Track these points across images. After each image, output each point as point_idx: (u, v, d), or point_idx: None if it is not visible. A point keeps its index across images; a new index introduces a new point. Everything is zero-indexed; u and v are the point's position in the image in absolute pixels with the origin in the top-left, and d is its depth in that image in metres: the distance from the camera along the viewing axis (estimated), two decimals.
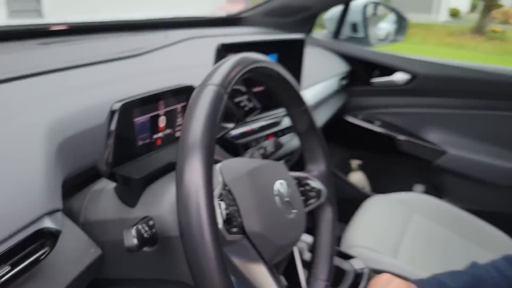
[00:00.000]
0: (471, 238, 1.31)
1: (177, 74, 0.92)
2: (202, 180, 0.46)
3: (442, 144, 1.78)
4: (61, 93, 0.68)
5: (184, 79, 0.80)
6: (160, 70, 0.89)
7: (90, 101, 0.69)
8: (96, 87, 0.73)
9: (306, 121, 0.72)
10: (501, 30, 12.63)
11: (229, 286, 0.46)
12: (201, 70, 0.88)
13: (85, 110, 0.67)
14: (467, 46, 11.11)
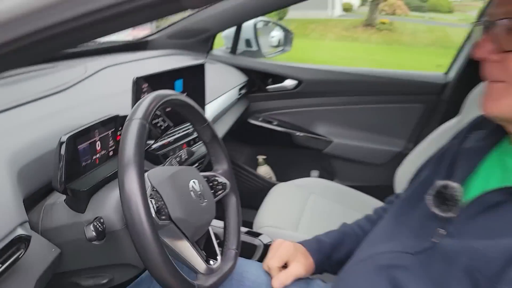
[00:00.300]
0: (354, 207, 1.58)
1: (102, 102, 1.10)
2: (138, 186, 0.66)
3: (328, 135, 2.09)
4: (10, 130, 0.85)
5: (108, 108, 0.99)
6: (86, 101, 1.07)
7: (34, 134, 0.86)
8: (37, 122, 0.90)
9: (209, 133, 0.95)
10: (388, 22, 13.45)
11: (165, 257, 0.67)
12: (120, 98, 1.09)
13: (33, 141, 0.84)
14: (361, 38, 11.73)
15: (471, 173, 0.76)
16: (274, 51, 2.32)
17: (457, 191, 0.73)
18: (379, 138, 2.05)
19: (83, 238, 0.79)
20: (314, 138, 2.11)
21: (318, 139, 2.11)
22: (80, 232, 0.79)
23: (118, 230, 0.79)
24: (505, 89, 0.65)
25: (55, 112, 0.97)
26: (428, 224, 0.76)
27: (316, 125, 2.13)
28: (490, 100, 0.68)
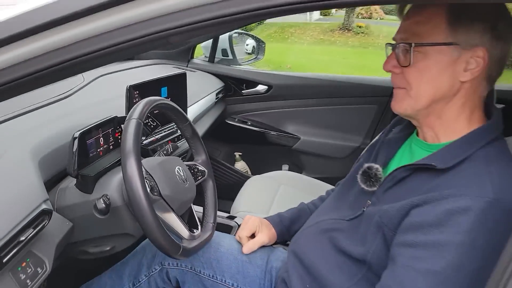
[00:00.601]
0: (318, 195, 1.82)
1: (100, 106, 1.32)
2: (136, 170, 0.87)
3: (296, 133, 2.32)
4: (31, 129, 1.07)
5: (106, 110, 1.21)
6: (88, 105, 1.29)
7: (50, 132, 1.08)
8: (51, 122, 1.12)
9: (190, 130, 1.18)
10: (364, 25, 13.66)
11: (158, 224, 0.87)
12: (115, 102, 1.31)
13: (49, 138, 1.06)
14: (338, 41, 11.88)
15: (390, 158, 1.02)
16: (249, 58, 2.54)
17: (378, 170, 0.97)
18: (340, 135, 2.29)
19: (91, 213, 1.01)
20: (284, 136, 2.35)
21: (288, 137, 2.34)
22: (88, 208, 1.01)
23: (119, 206, 1.01)
24: (405, 93, 0.89)
25: (64, 115, 1.19)
26: (360, 198, 1.00)
27: (286, 125, 2.36)
28: (396, 102, 0.92)
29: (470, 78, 0.83)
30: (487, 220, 0.72)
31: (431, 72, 0.84)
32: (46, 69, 0.62)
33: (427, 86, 0.85)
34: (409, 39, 0.84)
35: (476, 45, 0.81)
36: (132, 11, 0.63)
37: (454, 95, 0.85)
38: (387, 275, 0.82)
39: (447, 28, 0.81)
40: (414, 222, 0.79)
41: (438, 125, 0.89)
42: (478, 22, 0.80)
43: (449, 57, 0.82)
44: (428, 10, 0.83)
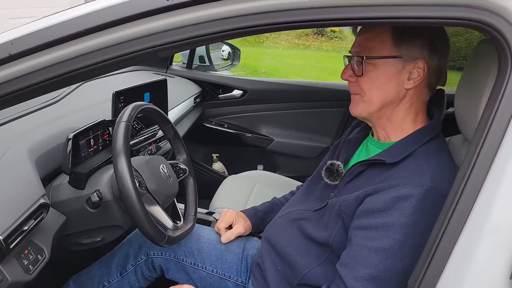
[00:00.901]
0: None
1: (88, 110, 1.43)
2: (127, 167, 0.99)
3: (270, 135, 2.46)
4: (27, 131, 1.17)
5: (93, 114, 1.32)
6: (76, 110, 1.39)
7: (44, 134, 1.18)
8: (44, 125, 1.22)
9: (172, 132, 1.30)
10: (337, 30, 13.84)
11: (146, 214, 0.99)
12: (101, 107, 1.42)
13: (44, 139, 1.16)
14: (312, 46, 12.06)
15: (350, 155, 1.16)
16: (225, 64, 2.67)
17: (339, 166, 1.11)
18: (311, 136, 2.43)
19: (83, 207, 1.11)
20: (259, 138, 2.48)
21: (262, 139, 2.48)
22: (81, 203, 1.11)
23: (110, 200, 1.11)
24: (360, 98, 1.04)
25: (55, 118, 1.29)
26: (325, 191, 1.14)
27: (260, 127, 2.49)
28: (353, 106, 1.07)
29: (413, 85, 0.98)
30: (426, 204, 0.88)
31: (380, 81, 0.99)
32: (53, 79, 0.74)
33: (378, 93, 1.00)
34: (361, 53, 1.00)
35: (417, 58, 0.97)
36: (127, 31, 0.75)
37: (401, 100, 1.01)
38: (345, 254, 0.96)
39: (392, 44, 0.97)
40: (367, 208, 0.94)
41: (388, 126, 1.05)
42: (417, 39, 0.96)
43: (395, 68, 0.97)
44: (376, 28, 0.99)
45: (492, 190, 0.70)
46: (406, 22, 0.74)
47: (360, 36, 1.03)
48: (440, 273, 0.74)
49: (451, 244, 0.73)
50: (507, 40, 0.69)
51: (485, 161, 0.71)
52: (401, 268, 0.87)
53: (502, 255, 0.69)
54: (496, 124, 0.71)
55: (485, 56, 0.90)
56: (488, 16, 0.69)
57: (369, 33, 1.00)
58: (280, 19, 0.73)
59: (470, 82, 0.96)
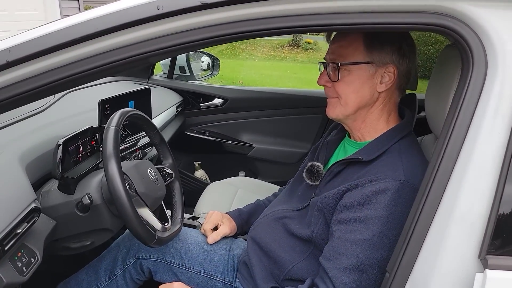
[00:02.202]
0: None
1: (74, 118, 1.46)
2: (117, 170, 1.03)
3: (251, 142, 2.51)
4: (15, 139, 1.19)
5: (80, 122, 1.35)
6: (63, 118, 1.42)
7: (34, 141, 1.21)
8: (33, 133, 1.25)
9: (158, 138, 1.34)
10: (312, 41, 14.08)
11: (136, 215, 1.02)
12: (87, 115, 1.45)
13: (34, 145, 1.19)
14: (288, 57, 12.17)
15: (329, 156, 1.23)
16: (205, 74, 2.71)
17: (319, 167, 1.17)
18: (290, 142, 2.50)
19: (73, 212, 1.14)
20: (240, 145, 2.54)
21: (243, 146, 2.53)
22: (71, 207, 1.14)
23: (99, 204, 1.14)
24: (336, 102, 1.10)
25: (43, 126, 1.32)
26: (307, 192, 1.20)
27: (241, 134, 2.55)
28: (329, 109, 1.13)
29: (385, 88, 1.06)
30: (400, 197, 0.95)
31: (355, 85, 1.06)
32: (50, 84, 0.78)
33: (353, 96, 1.07)
34: (336, 59, 1.07)
35: (388, 62, 1.05)
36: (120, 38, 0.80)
37: (374, 102, 1.08)
38: (327, 247, 1.02)
39: (364, 50, 1.04)
40: (346, 203, 1.00)
41: (363, 127, 1.12)
42: (387, 45, 1.04)
43: (368, 72, 1.05)
44: (349, 36, 1.06)
45: (458, 181, 0.77)
46: (376, 27, 0.82)
47: (334, 44, 1.10)
48: (415, 257, 0.81)
49: (424, 231, 0.80)
50: (468, 43, 0.77)
51: (451, 155, 0.79)
52: (380, 257, 0.93)
53: (471, 238, 0.76)
54: (460, 121, 0.79)
55: (451, 60, 0.98)
56: (451, 21, 0.77)
57: (342, 40, 1.07)
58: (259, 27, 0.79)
59: (437, 84, 1.04)
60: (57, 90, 0.85)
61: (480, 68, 0.77)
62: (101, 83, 2.03)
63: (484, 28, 0.76)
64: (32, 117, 1.36)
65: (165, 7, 0.77)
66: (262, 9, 0.77)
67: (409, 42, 1.07)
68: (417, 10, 0.78)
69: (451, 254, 0.77)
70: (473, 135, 0.77)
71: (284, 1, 0.77)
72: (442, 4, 0.77)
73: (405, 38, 1.07)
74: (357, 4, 0.78)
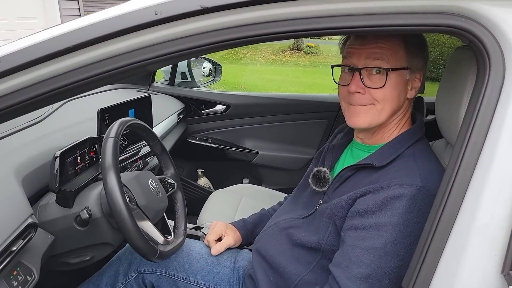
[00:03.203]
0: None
1: (73, 128, 1.42)
2: (116, 182, 0.99)
3: (255, 148, 2.47)
4: (13, 150, 1.15)
5: (79, 133, 1.31)
6: (61, 128, 1.38)
7: (31, 153, 1.17)
8: (30, 144, 1.21)
9: (159, 147, 1.30)
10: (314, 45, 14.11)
11: (137, 229, 0.98)
12: (86, 125, 1.41)
13: (30, 158, 1.15)
14: (290, 61, 12.18)
15: (335, 161, 1.18)
16: (206, 81, 2.68)
17: (326, 172, 1.13)
18: (295, 148, 2.46)
19: (71, 226, 1.10)
20: (243, 152, 2.50)
21: (247, 152, 2.49)
22: (69, 222, 1.10)
23: (99, 218, 1.10)
24: (370, 109, 1.01)
25: (40, 137, 1.28)
26: (313, 198, 1.16)
27: (244, 141, 2.51)
28: (360, 117, 1.03)
29: (414, 95, 1.03)
30: (416, 203, 0.90)
31: (395, 91, 1.00)
32: (44, 94, 0.74)
33: (392, 102, 1.01)
34: (380, 65, 0.98)
35: (420, 68, 1.01)
36: (117, 45, 0.76)
37: (400, 108, 1.04)
38: (338, 255, 0.98)
39: (405, 54, 1.00)
40: (359, 209, 0.96)
41: (380, 132, 1.07)
42: (422, 50, 1.01)
43: (405, 79, 1.01)
44: (389, 39, 0.99)
45: (477, 191, 0.73)
46: (388, 30, 0.78)
47: (366, 48, 1.01)
48: (432, 273, 0.76)
49: (441, 244, 0.75)
50: (484, 44, 0.73)
51: (469, 162, 0.74)
52: (393, 267, 0.89)
53: (492, 252, 0.71)
54: (478, 126, 0.74)
55: (462, 62, 0.94)
56: (465, 22, 0.73)
57: (380, 42, 0.99)
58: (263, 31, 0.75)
59: (449, 88, 1.00)
60: (52, 101, 0.81)
61: (497, 70, 0.73)
62: (101, 91, 2.00)
63: (500, 28, 0.72)
64: (29, 128, 1.32)
65: (164, 12, 0.73)
66: (267, 12, 0.73)
67: (427, 49, 1.04)
68: (429, 11, 0.74)
69: (471, 270, 0.72)
70: (493, 140, 0.72)
71: (289, 4, 0.73)
72: (455, 4, 0.73)
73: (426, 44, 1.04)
74: (368, 6, 0.74)
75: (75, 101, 1.69)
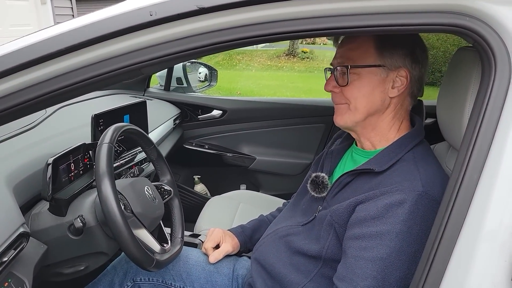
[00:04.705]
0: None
1: (66, 135, 1.39)
2: (111, 190, 0.96)
3: (252, 153, 2.45)
4: (2, 159, 1.12)
5: (72, 139, 1.28)
6: (54, 135, 1.35)
7: (22, 160, 1.14)
8: (22, 151, 1.18)
9: (155, 153, 1.27)
10: (309, 50, 14.14)
11: (133, 238, 0.95)
12: (80, 131, 1.38)
13: (22, 165, 1.12)
14: (285, 67, 12.22)
15: (334, 166, 1.16)
16: (202, 86, 2.66)
17: (324, 178, 1.10)
18: (293, 153, 2.44)
19: (65, 235, 1.06)
20: (240, 157, 2.47)
21: (244, 158, 2.47)
22: (63, 231, 1.07)
23: (93, 226, 1.07)
24: (346, 108, 1.03)
25: (32, 144, 1.25)
26: (312, 205, 1.13)
27: (241, 146, 2.49)
28: (337, 115, 1.06)
29: (397, 94, 1.00)
30: (419, 209, 0.87)
31: (366, 89, 1.00)
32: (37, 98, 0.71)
33: (364, 101, 1.00)
34: (345, 63, 1.01)
35: (400, 66, 0.98)
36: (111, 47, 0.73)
37: (385, 109, 1.02)
38: (341, 267, 0.95)
39: (375, 53, 0.98)
40: (359, 217, 0.93)
41: (373, 135, 1.05)
42: (399, 48, 0.98)
43: (379, 76, 0.99)
44: (358, 38, 1.00)
45: (485, 195, 0.70)
46: (389, 30, 0.75)
47: (342, 47, 1.04)
48: (439, 281, 0.73)
49: (448, 251, 0.73)
50: (489, 44, 0.71)
51: (476, 166, 0.72)
52: (399, 276, 0.86)
53: (501, 258, 0.68)
54: (484, 129, 0.72)
55: (465, 63, 0.92)
56: (470, 21, 0.71)
57: (352, 43, 1.01)
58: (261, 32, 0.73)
59: (451, 90, 0.98)
60: (43, 106, 0.78)
61: (503, 71, 0.71)
62: (95, 97, 1.97)
63: (506, 27, 0.70)
64: (22, 134, 1.29)
65: (159, 12, 0.70)
66: (265, 12, 0.70)
67: (422, 47, 1.01)
68: (432, 10, 0.71)
69: (480, 278, 0.70)
70: (500, 142, 0.70)
71: (288, 4, 0.71)
72: (459, 3, 0.71)
73: (418, 42, 1.01)
74: (367, 5, 0.71)
75: (68, 107, 1.66)
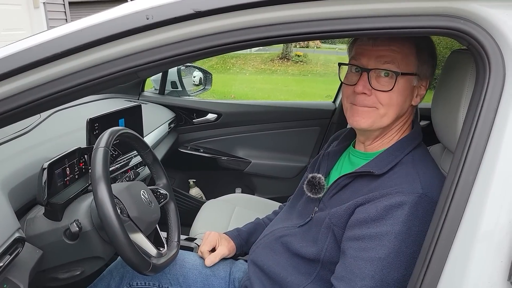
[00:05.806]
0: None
1: (61, 139, 1.38)
2: (107, 194, 0.95)
3: (247, 157, 2.45)
4: None
5: (67, 143, 1.27)
6: (49, 139, 1.34)
7: (17, 165, 1.13)
8: (17, 156, 1.17)
9: (150, 157, 1.27)
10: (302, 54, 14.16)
11: (129, 242, 0.95)
12: (75, 135, 1.38)
13: (17, 170, 1.11)
14: (279, 70, 12.23)
15: (331, 168, 1.16)
16: (197, 89, 2.66)
17: (321, 179, 1.10)
18: (288, 156, 2.44)
19: (61, 240, 1.06)
20: (236, 161, 2.47)
21: (239, 161, 2.47)
22: (58, 235, 1.06)
23: (89, 230, 1.06)
24: (374, 111, 0.99)
25: (27, 148, 1.24)
26: (308, 206, 1.13)
27: (237, 150, 2.49)
28: (362, 118, 1.00)
29: (418, 102, 1.01)
30: (418, 211, 0.88)
31: (402, 97, 0.98)
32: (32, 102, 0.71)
33: (396, 109, 0.99)
34: (386, 65, 0.96)
35: (427, 76, 1.00)
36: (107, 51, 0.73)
37: (403, 115, 1.02)
38: (339, 267, 0.95)
39: (415, 59, 0.98)
40: (359, 219, 0.93)
41: (380, 138, 1.05)
42: (431, 58, 1.00)
43: (412, 85, 0.99)
44: (398, 40, 0.96)
45: (480, 196, 0.71)
46: (384, 32, 0.76)
47: (378, 49, 0.98)
48: (436, 281, 0.74)
49: (445, 252, 0.73)
50: (483, 46, 0.72)
51: (471, 167, 0.72)
52: (397, 277, 0.87)
53: (498, 258, 0.69)
54: (479, 131, 0.72)
55: (459, 66, 0.93)
56: (464, 24, 0.71)
57: (391, 45, 0.97)
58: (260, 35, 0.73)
59: (446, 92, 0.99)
60: (39, 111, 0.78)
61: (497, 73, 0.71)
62: (90, 101, 1.96)
63: (500, 30, 0.71)
64: (16, 139, 1.28)
65: (155, 16, 0.71)
66: (262, 15, 0.70)
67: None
68: (426, 13, 0.72)
69: (476, 278, 0.70)
70: (495, 144, 0.70)
71: (285, 7, 0.71)
72: (453, 6, 0.71)
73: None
74: (362, 8, 0.72)
75: (63, 111, 1.66)
